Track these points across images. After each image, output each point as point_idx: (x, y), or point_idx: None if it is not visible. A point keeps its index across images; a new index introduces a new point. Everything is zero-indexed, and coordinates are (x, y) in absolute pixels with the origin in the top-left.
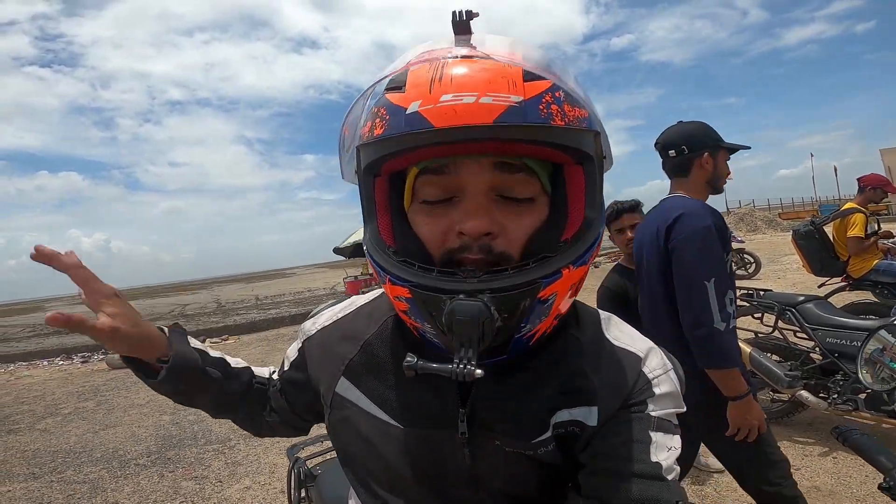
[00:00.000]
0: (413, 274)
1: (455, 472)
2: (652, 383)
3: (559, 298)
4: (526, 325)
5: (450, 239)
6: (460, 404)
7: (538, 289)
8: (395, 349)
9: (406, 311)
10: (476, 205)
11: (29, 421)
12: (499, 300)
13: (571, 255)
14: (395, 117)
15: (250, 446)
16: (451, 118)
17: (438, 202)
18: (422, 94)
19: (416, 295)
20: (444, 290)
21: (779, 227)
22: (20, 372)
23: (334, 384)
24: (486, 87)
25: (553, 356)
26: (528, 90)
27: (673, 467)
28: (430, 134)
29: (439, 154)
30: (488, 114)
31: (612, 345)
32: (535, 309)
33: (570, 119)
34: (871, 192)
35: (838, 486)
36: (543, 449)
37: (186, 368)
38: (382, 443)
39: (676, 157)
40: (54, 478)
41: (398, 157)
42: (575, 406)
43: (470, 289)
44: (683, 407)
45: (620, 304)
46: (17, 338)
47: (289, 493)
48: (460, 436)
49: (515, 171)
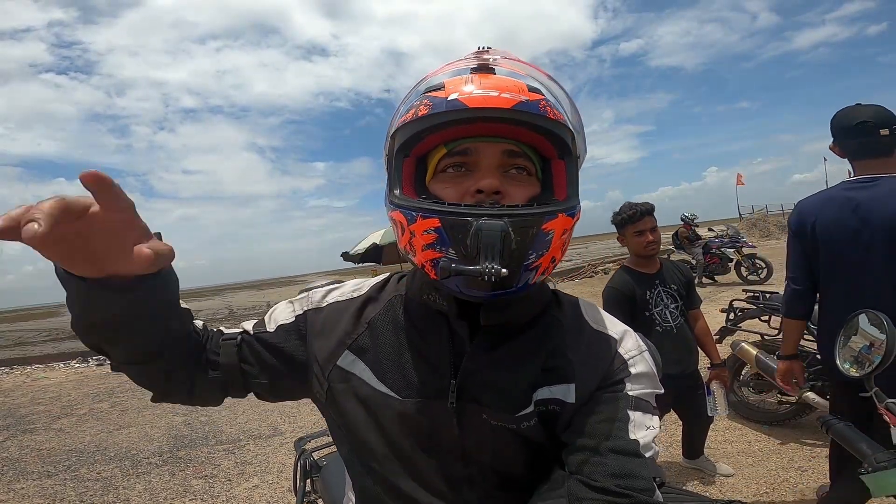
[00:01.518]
0: (444, 206)
1: (447, 444)
2: (628, 363)
3: (555, 238)
4: (532, 255)
5: (466, 197)
6: (452, 376)
7: (542, 220)
8: (397, 327)
9: (432, 244)
10: (489, 172)
11: (44, 421)
12: (514, 223)
13: (563, 205)
14: (437, 102)
15: (259, 446)
16: (480, 103)
17: (459, 175)
18: (458, 89)
19: (446, 221)
20: (472, 213)
21: None
22: (37, 374)
23: (336, 357)
24: (505, 89)
25: (537, 334)
26: (531, 96)
27: (651, 445)
28: (465, 111)
29: (467, 133)
30: (507, 103)
31: (590, 327)
32: (539, 239)
33: (557, 118)
34: None
35: None
36: (526, 423)
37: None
38: (381, 414)
39: (888, 136)
40: (68, 476)
41: (436, 133)
42: (554, 384)
43: (493, 213)
44: (661, 388)
45: (627, 305)
46: (33, 342)
47: (295, 484)
48: (450, 405)
49: (517, 157)
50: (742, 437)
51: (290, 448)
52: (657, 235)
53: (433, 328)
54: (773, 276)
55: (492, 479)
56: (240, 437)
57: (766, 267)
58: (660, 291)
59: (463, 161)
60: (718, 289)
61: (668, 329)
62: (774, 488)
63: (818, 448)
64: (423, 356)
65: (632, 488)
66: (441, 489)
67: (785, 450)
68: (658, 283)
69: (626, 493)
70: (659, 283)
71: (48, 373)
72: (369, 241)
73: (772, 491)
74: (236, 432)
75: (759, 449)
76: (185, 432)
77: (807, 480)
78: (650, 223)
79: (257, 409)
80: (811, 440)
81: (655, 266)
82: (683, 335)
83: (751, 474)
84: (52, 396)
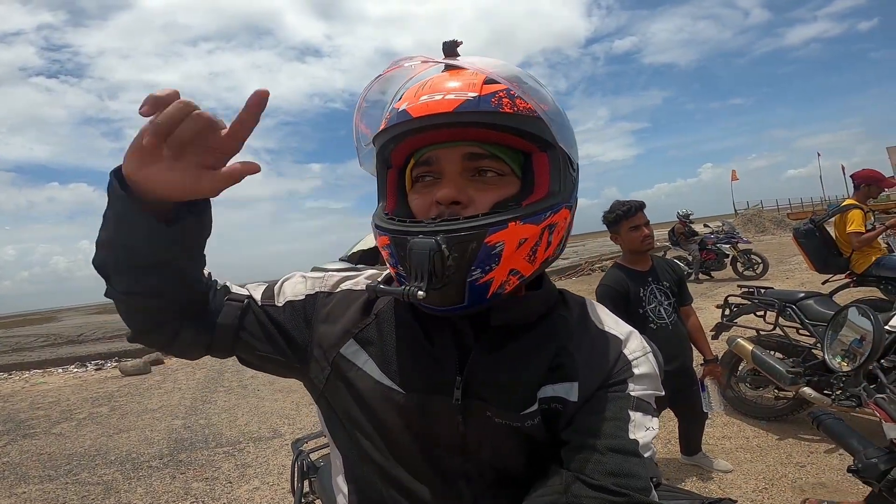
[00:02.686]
0: (390, 223)
1: (447, 439)
2: (631, 364)
3: (507, 248)
4: (476, 270)
5: (432, 210)
6: (457, 372)
7: (484, 234)
8: (403, 321)
9: (389, 260)
10: (448, 181)
11: (44, 425)
12: (450, 241)
13: (521, 212)
14: (392, 115)
15: (259, 448)
16: (423, 110)
17: (426, 184)
18: (409, 97)
19: (392, 239)
20: (407, 231)
21: (787, 227)
22: (35, 379)
23: (340, 345)
24: (451, 89)
25: (544, 333)
26: (484, 90)
27: (650, 446)
28: (409, 122)
29: (421, 143)
30: (449, 105)
31: (596, 327)
32: (482, 253)
33: (519, 109)
34: (866, 188)
35: (845, 482)
36: (530, 422)
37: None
38: (383, 406)
39: None
40: (69, 479)
41: (398, 144)
42: (558, 382)
43: (426, 230)
44: (661, 391)
45: (621, 302)
46: (31, 347)
47: (293, 484)
48: (454, 402)
49: (483, 158)
50: (740, 432)
51: (290, 450)
52: (651, 230)
53: (439, 324)
54: (768, 272)
55: (489, 474)
56: (240, 439)
57: (761, 262)
58: (653, 289)
59: (429, 170)
60: (714, 284)
61: (662, 326)
62: (773, 484)
63: (816, 443)
64: (429, 352)
65: (629, 487)
66: (437, 482)
67: (783, 445)
68: (651, 280)
69: (624, 492)
70: (652, 280)
71: (47, 378)
72: (364, 242)
73: (770, 486)
74: (236, 435)
75: (757, 445)
76: (184, 435)
77: (805, 476)
78: (644, 218)
79: (257, 412)
80: (809, 435)
81: (648, 263)
82: (678, 331)
83: (749, 470)
84: (52, 401)
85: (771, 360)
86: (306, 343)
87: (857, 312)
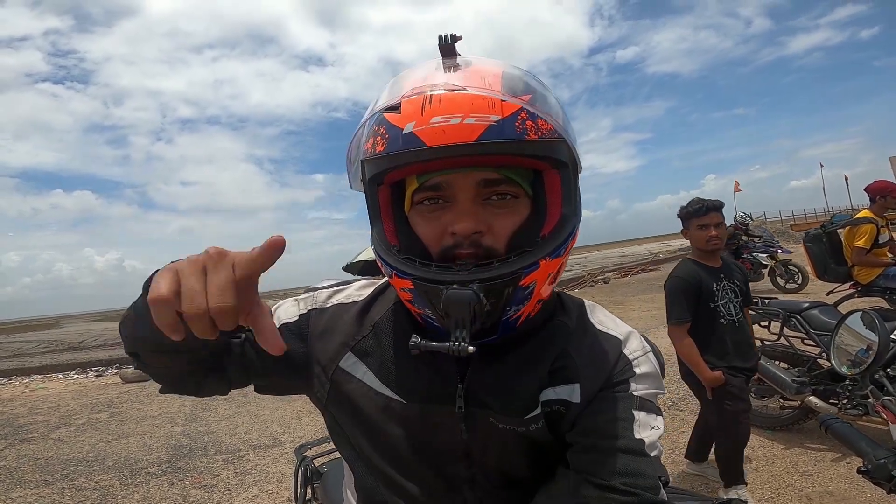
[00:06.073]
0: (414, 268)
1: (450, 447)
2: (632, 364)
3: (539, 286)
4: (510, 310)
5: (445, 238)
6: (459, 381)
7: (519, 278)
8: (401, 331)
9: (410, 300)
10: (465, 209)
11: (43, 431)
12: (486, 288)
13: (548, 248)
14: (393, 136)
15: (259, 456)
16: (440, 138)
17: (434, 209)
18: (415, 115)
19: (418, 286)
20: (440, 280)
21: (791, 238)
22: (35, 384)
23: (338, 359)
24: (469, 109)
25: (544, 340)
26: (505, 109)
27: (656, 444)
28: (423, 152)
29: (432, 168)
30: (471, 133)
31: (595, 329)
32: (517, 295)
33: (543, 132)
34: (881, 200)
35: (852, 490)
36: (534, 426)
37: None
38: (384, 417)
39: None
40: (66, 485)
41: (398, 171)
42: (559, 384)
43: (462, 279)
44: (664, 389)
45: (692, 293)
46: (31, 353)
47: (295, 491)
48: (457, 410)
49: (498, 184)
50: None
51: (290, 458)
52: (721, 232)
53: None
54: (807, 285)
55: (495, 479)
56: (239, 447)
57: (799, 273)
58: (725, 285)
59: (437, 195)
60: None
61: (731, 322)
62: (780, 493)
63: (822, 452)
64: (429, 361)
65: (638, 486)
66: (442, 489)
67: (789, 454)
68: (724, 276)
69: (633, 491)
70: (724, 276)
71: (47, 383)
72: (367, 252)
73: (777, 496)
74: (235, 442)
75: (762, 454)
76: (183, 442)
77: (812, 485)
78: (715, 219)
79: (256, 420)
80: (815, 444)
81: (718, 261)
82: (745, 329)
83: (755, 479)
84: (51, 406)
85: (776, 370)
86: (306, 362)
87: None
